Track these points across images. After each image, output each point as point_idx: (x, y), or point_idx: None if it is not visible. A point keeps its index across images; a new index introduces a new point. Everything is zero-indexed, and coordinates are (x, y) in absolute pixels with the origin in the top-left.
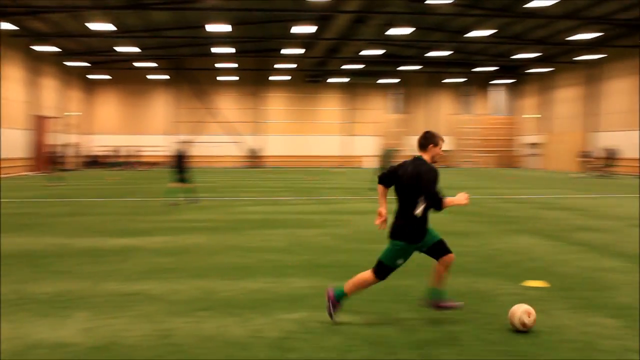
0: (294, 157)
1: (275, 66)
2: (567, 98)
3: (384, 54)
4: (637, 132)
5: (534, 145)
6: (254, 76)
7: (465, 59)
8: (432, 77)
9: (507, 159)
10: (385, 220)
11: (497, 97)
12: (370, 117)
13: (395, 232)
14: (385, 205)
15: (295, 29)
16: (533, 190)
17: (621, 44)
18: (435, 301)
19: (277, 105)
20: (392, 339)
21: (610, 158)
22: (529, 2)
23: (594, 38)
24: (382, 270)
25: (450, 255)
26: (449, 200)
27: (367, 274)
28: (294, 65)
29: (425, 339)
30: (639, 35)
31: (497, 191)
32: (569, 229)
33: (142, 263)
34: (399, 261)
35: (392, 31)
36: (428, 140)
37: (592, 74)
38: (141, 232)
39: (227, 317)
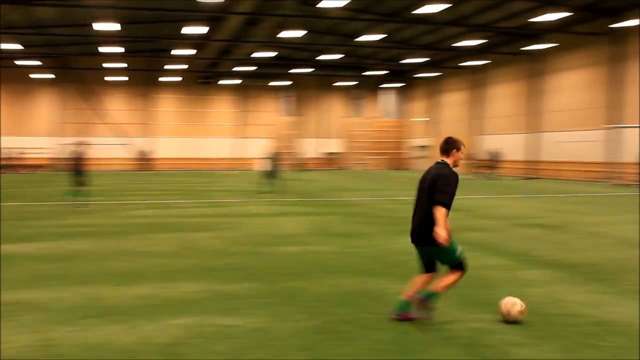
0: (186, 160)
1: (166, 67)
2: (454, 102)
3: (276, 56)
4: (520, 135)
5: (422, 147)
6: (144, 77)
7: (356, 62)
8: (324, 80)
9: (397, 161)
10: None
11: (387, 100)
12: (262, 119)
13: (423, 237)
14: None
15: (186, 30)
16: None
17: (503, 51)
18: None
19: (167, 106)
20: (282, 340)
21: (494, 160)
22: (417, 8)
23: (479, 45)
24: (462, 265)
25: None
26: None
27: (457, 274)
28: (185, 66)
29: (315, 340)
30: (520, 43)
31: (387, 193)
32: (456, 229)
33: (25, 270)
34: (458, 248)
35: (284, 34)
36: (451, 145)
37: (477, 79)
38: (25, 238)
39: (114, 325)
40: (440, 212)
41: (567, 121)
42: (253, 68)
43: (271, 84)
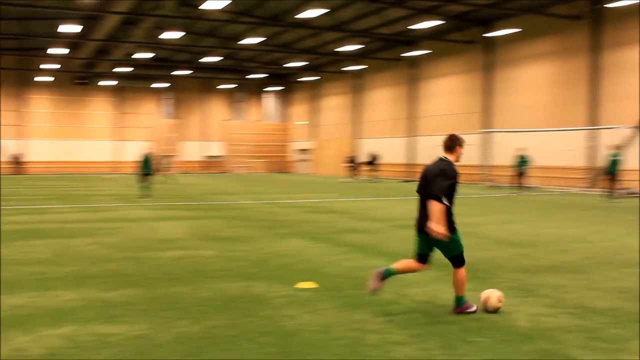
0: (62, 163)
1: (41, 66)
2: (334, 106)
3: (155, 57)
4: (398, 138)
5: (304, 151)
6: (17, 76)
7: (237, 65)
8: (205, 82)
9: (279, 165)
10: None
11: (269, 103)
12: (142, 121)
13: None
14: None
15: (62, 28)
16: (303, 194)
17: (382, 57)
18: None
19: (42, 107)
20: (166, 348)
21: (373, 163)
22: (298, 13)
23: (358, 50)
24: (462, 258)
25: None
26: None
27: (460, 272)
28: (60, 66)
29: (200, 346)
30: (398, 49)
31: (269, 196)
32: (337, 231)
33: None
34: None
35: (164, 35)
36: (454, 142)
37: (357, 83)
38: None
39: None
40: (435, 206)
41: (444, 125)
42: (131, 69)
43: (151, 86)
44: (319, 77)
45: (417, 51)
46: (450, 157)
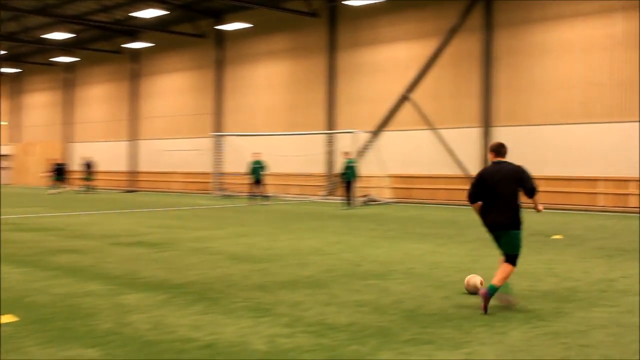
0: None
1: None
2: (41, 103)
3: None
4: (118, 143)
5: (4, 157)
6: None
7: None
8: None
9: None
10: None
11: None
12: None
13: (514, 223)
14: None
15: None
16: (2, 209)
17: (97, 48)
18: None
19: None
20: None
21: (88, 171)
22: None
23: (68, 38)
24: (517, 257)
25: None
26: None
27: (510, 269)
28: None
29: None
30: (117, 40)
31: None
32: (44, 252)
33: None
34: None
35: None
36: (505, 148)
37: (68, 78)
38: None
39: None
40: (537, 196)
41: (171, 128)
42: None
43: None
44: (21, 70)
45: (140, 43)
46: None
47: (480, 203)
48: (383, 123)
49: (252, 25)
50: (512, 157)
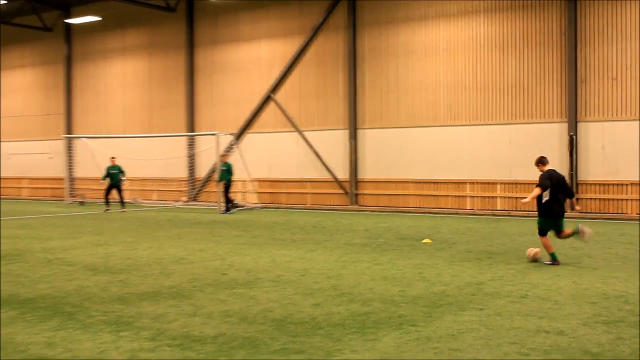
0: None
1: None
2: None
3: None
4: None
5: None
6: None
7: None
8: None
9: None
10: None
11: None
12: None
13: (561, 212)
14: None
15: None
16: None
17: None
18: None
19: None
20: None
21: None
22: None
23: None
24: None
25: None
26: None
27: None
28: None
29: None
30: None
31: None
32: None
33: None
34: None
35: None
36: (547, 158)
37: None
38: None
39: None
40: (574, 198)
41: (16, 129)
42: None
43: None
44: None
45: None
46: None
47: (540, 190)
48: (247, 125)
49: (102, 19)
50: (378, 160)
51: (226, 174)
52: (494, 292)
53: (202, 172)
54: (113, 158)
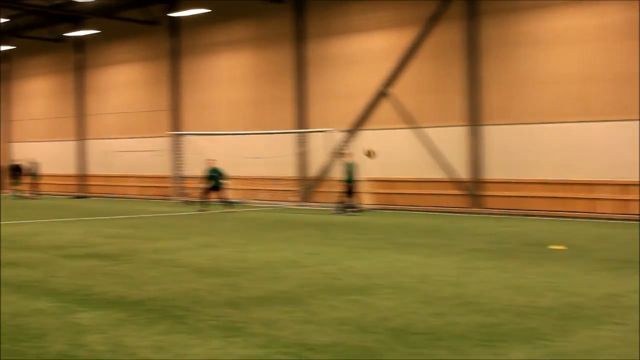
0: None
1: None
2: None
3: None
4: (63, 143)
5: None
6: None
7: None
8: None
9: None
10: None
11: None
12: None
13: None
14: None
15: None
16: None
17: (35, 35)
18: None
19: None
20: None
21: (32, 174)
22: None
23: (2, 24)
24: None
25: None
26: None
27: None
28: None
29: None
30: (60, 27)
31: None
32: None
33: None
34: None
35: None
36: None
37: (3, 69)
38: None
39: None
40: None
41: (123, 126)
42: None
43: None
44: None
45: (84, 31)
46: None
47: None
48: (360, 121)
49: (209, 11)
50: (501, 159)
51: (348, 173)
52: (634, 306)
53: (313, 171)
54: (211, 160)
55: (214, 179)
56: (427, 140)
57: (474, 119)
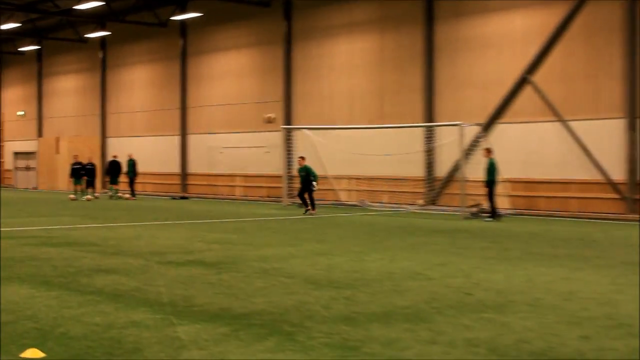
0: None
1: None
2: (69, 89)
3: None
4: (164, 137)
5: (25, 155)
6: None
7: None
8: None
9: None
10: None
11: None
12: None
13: None
14: None
15: None
16: (26, 219)
17: (133, 20)
18: None
19: None
20: None
21: (133, 173)
22: None
23: (98, 7)
24: None
25: None
26: None
27: None
28: None
29: None
30: (161, 10)
31: None
32: (77, 273)
33: None
34: None
35: None
36: None
37: (99, 58)
38: None
39: None
40: None
41: (230, 120)
42: None
43: None
44: (42, 47)
45: (187, 14)
46: None
47: None
48: (497, 113)
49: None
50: None
51: (489, 173)
52: None
53: (442, 170)
54: (301, 158)
55: (303, 178)
56: (576, 135)
57: (634, 110)
